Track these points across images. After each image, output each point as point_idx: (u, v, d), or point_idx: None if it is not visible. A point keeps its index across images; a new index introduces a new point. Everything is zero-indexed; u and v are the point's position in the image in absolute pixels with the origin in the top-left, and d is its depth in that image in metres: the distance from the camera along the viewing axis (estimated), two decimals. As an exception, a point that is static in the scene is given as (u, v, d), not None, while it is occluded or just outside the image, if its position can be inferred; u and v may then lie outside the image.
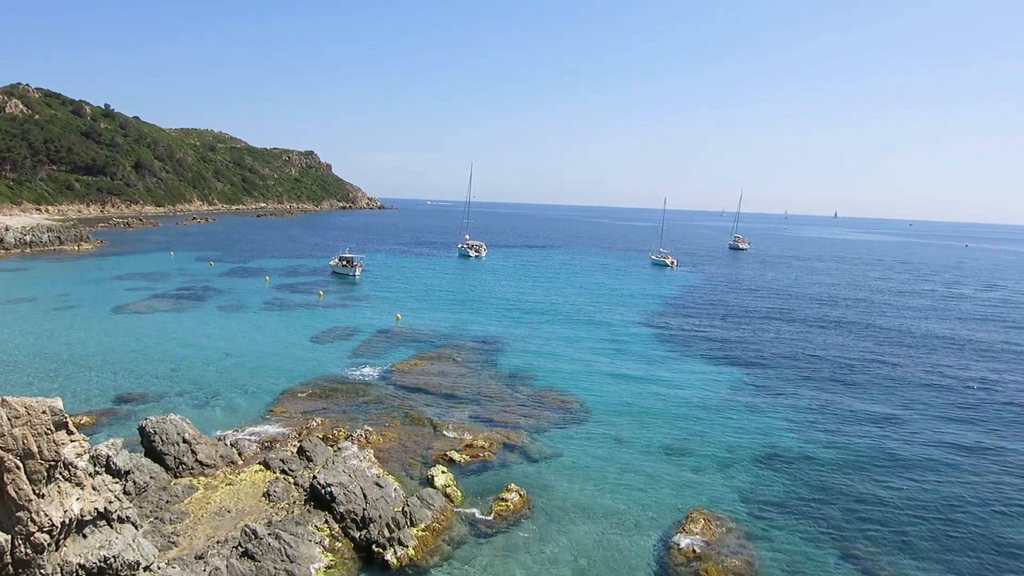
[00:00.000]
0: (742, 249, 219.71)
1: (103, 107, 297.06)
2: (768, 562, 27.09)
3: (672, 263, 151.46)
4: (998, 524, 31.05)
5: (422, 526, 27.66)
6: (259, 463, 32.42)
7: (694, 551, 27.24)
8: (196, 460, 31.64)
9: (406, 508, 28.24)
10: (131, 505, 22.95)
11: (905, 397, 50.67)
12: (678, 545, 27.68)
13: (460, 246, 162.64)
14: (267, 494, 29.29)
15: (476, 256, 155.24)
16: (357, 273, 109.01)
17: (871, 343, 70.37)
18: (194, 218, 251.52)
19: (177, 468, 31.09)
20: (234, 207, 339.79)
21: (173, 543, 24.93)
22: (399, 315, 75.26)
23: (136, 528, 21.31)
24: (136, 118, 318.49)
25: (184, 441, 32.02)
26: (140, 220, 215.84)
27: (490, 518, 29.41)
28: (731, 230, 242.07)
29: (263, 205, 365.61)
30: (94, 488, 20.06)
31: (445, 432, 39.48)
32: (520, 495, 31.24)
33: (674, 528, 29.31)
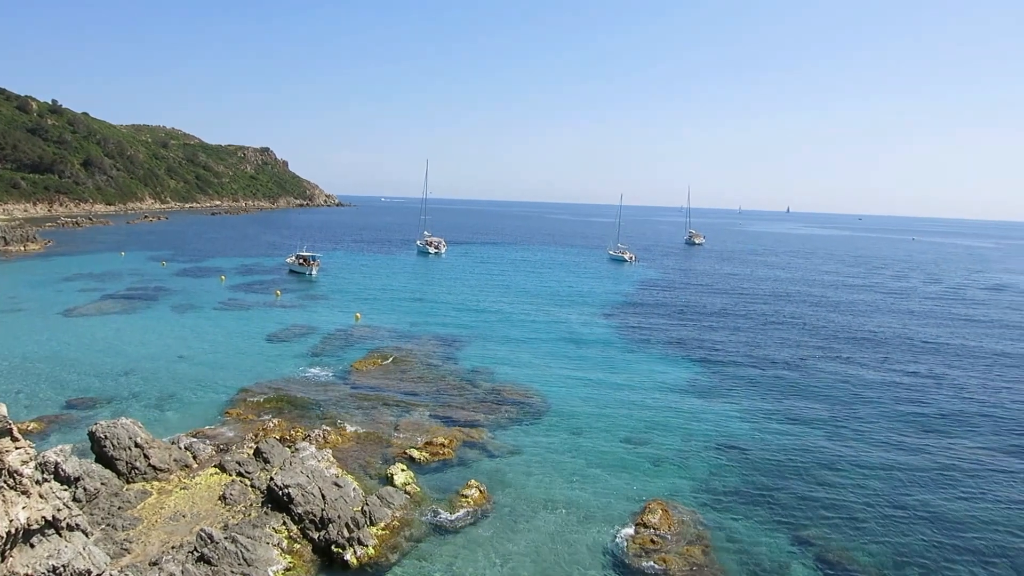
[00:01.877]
0: (698, 244, 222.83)
1: (50, 103, 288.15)
2: (724, 550, 27.58)
3: (630, 258, 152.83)
4: (944, 507, 32.06)
5: (382, 525, 27.54)
6: (215, 466, 31.89)
7: (652, 540, 27.61)
8: (149, 464, 30.99)
9: (365, 507, 28.08)
10: (81, 512, 22.39)
11: (856, 388, 51.94)
12: (636, 535, 28.05)
13: (419, 243, 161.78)
14: (223, 497, 28.84)
15: (436, 253, 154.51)
16: (314, 271, 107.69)
17: (824, 336, 72.00)
18: (146, 217, 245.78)
19: (129, 473, 30.43)
20: (188, 205, 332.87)
21: (126, 550, 24.42)
22: (358, 314, 74.64)
23: (87, 536, 20.80)
24: (85, 114, 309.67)
25: (136, 445, 31.34)
26: (90, 219, 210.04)
27: (451, 515, 29.39)
28: (685, 225, 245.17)
29: (218, 203, 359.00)
30: (41, 496, 19.51)
31: (405, 430, 39.32)
32: (480, 491, 31.28)
33: (633, 519, 29.68)
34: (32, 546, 18.91)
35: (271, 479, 28.99)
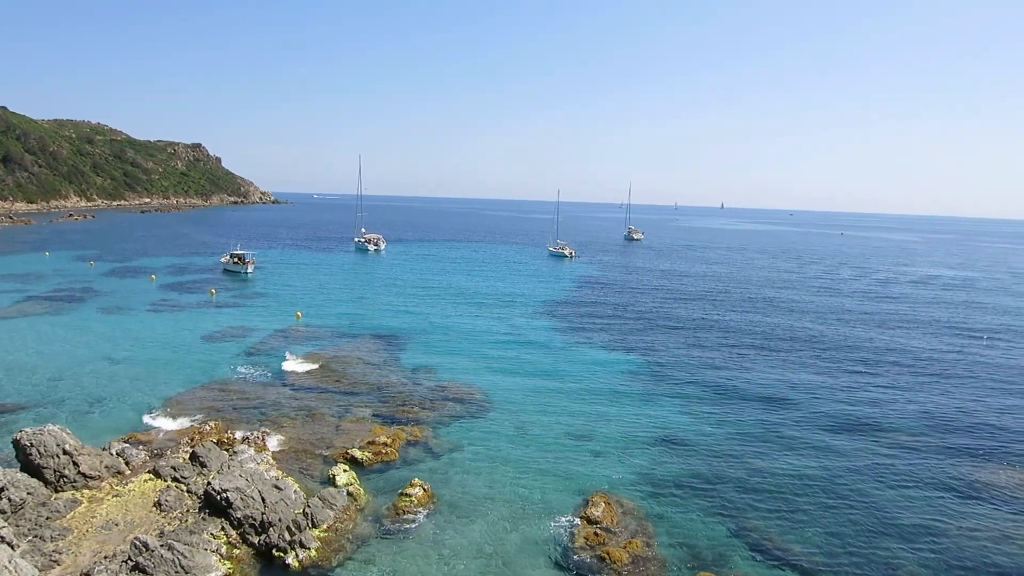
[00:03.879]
0: (636, 240, 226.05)
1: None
2: (666, 541, 28.15)
3: (570, 254, 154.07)
4: (874, 494, 33.35)
5: (324, 527, 27.19)
6: (148, 472, 30.97)
7: (596, 534, 27.94)
8: (79, 472, 29.88)
9: (307, 509, 27.68)
10: (6, 524, 21.49)
11: (791, 381, 53.51)
12: (580, 529, 28.36)
13: (357, 240, 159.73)
14: (158, 504, 28.04)
15: (375, 250, 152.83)
16: (250, 270, 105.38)
17: (760, 331, 73.92)
18: (71, 215, 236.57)
19: (58, 482, 29.29)
20: (115, 203, 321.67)
21: (55, 561, 23.53)
22: (299, 312, 73.38)
23: (12, 548, 19.99)
24: (3, 108, 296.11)
25: (64, 453, 30.16)
26: (10, 218, 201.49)
27: (395, 515, 29.19)
28: (626, 221, 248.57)
29: (147, 201, 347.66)
30: (-37, 508, 18.68)
31: (347, 430, 38.87)
32: (424, 489, 31.14)
33: (576, 512, 30.01)
34: (-47, 561, 18.13)
35: (208, 483, 28.29)
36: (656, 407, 45.48)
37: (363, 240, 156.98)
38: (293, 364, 52.16)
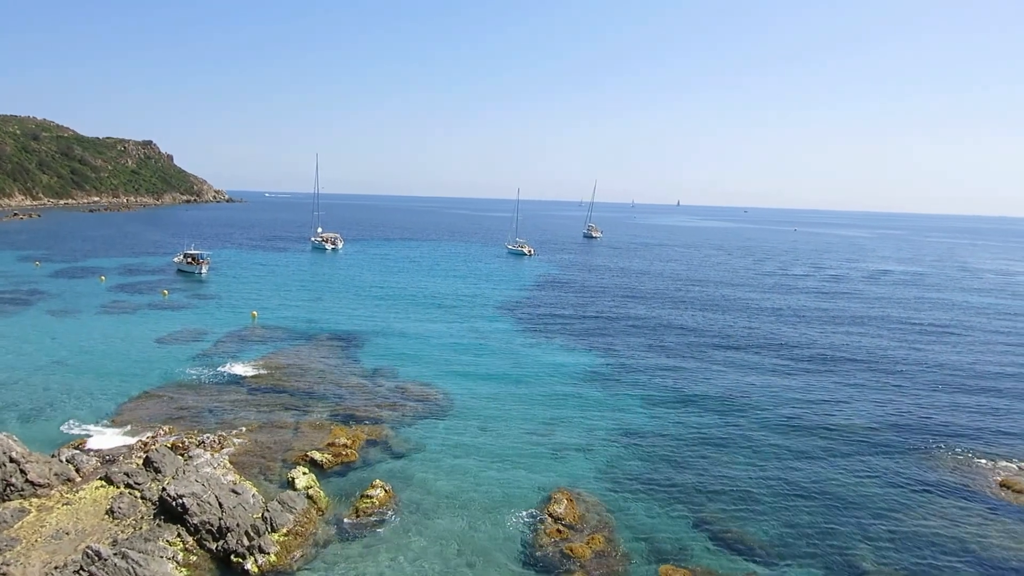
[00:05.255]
0: (595, 237, 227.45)
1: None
2: (627, 535, 28.40)
3: (529, 252, 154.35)
4: (828, 484, 34.15)
5: (284, 531, 26.79)
6: (100, 479, 30.16)
7: (559, 531, 28.07)
8: (26, 480, 28.96)
9: (266, 514, 27.24)
10: (-50, 536, 20.74)
11: (748, 374, 54.45)
12: (543, 526, 28.43)
13: (313, 239, 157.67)
14: (111, 511, 27.32)
15: (332, 249, 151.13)
16: (204, 270, 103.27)
17: (716, 326, 75.04)
18: (16, 214, 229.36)
19: (4, 491, 28.34)
20: (63, 202, 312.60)
21: (3, 573, 22.75)
22: (255, 312, 72.20)
23: (-43, 561, 19.28)
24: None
25: (11, 460, 29.21)
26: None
27: (355, 517, 28.92)
28: (585, 219, 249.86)
29: (96, 199, 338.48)
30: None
31: (306, 432, 38.37)
32: (385, 490, 30.90)
33: (539, 509, 30.10)
34: None
35: (163, 489, 27.67)
36: (616, 404, 45.82)
37: (320, 239, 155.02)
38: (250, 366, 51.31)
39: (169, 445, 34.63)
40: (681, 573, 25.39)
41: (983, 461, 37.22)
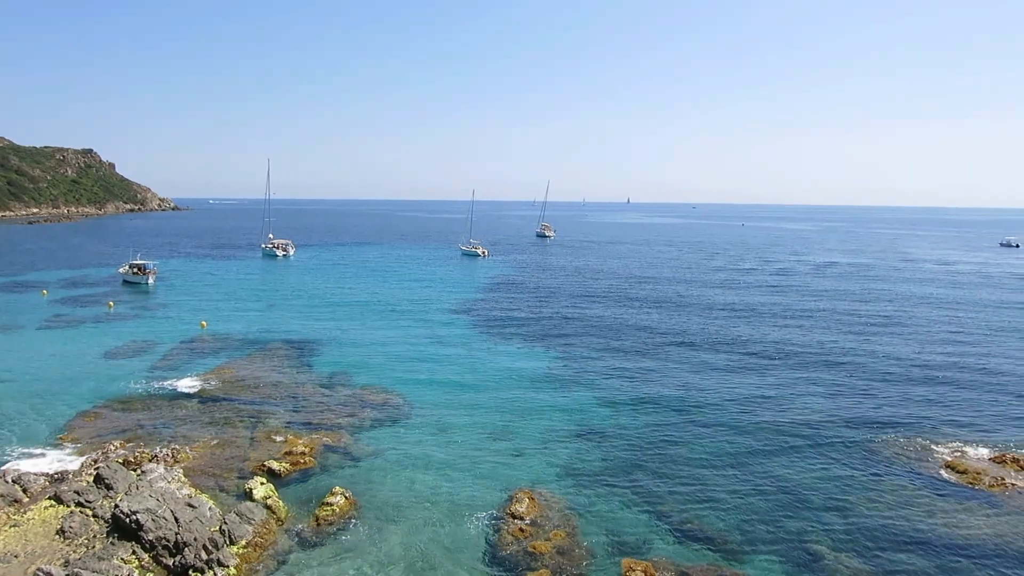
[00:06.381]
0: (548, 237, 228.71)
1: None
2: (589, 530, 28.65)
3: (483, 253, 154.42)
4: (784, 475, 34.96)
5: (243, 543, 26.36)
6: (49, 498, 29.22)
7: (521, 529, 28.18)
8: (-30, 503, 27.94)
9: (224, 526, 26.76)
10: None
11: (703, 369, 55.36)
12: (506, 525, 28.50)
13: (264, 246, 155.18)
14: (61, 531, 26.50)
15: (284, 256, 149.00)
16: (151, 280, 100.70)
17: (669, 321, 76.21)
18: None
19: (-54, 515, 27.30)
20: (0, 215, 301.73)
21: (-53, 600, 21.93)
22: (204, 322, 70.76)
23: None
24: None
25: (-47, 483, 28.16)
26: None
27: (316, 525, 28.59)
28: (538, 219, 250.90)
29: (35, 211, 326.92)
30: None
31: (262, 441, 37.77)
32: (346, 497, 30.62)
33: (501, 509, 30.16)
34: None
35: (116, 506, 26.95)
36: (574, 404, 46.12)
37: (271, 246, 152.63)
38: (202, 377, 50.30)
39: (121, 461, 33.74)
40: (643, 565, 25.68)
41: (929, 445, 38.48)
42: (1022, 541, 28.04)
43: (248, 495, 30.35)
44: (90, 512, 27.88)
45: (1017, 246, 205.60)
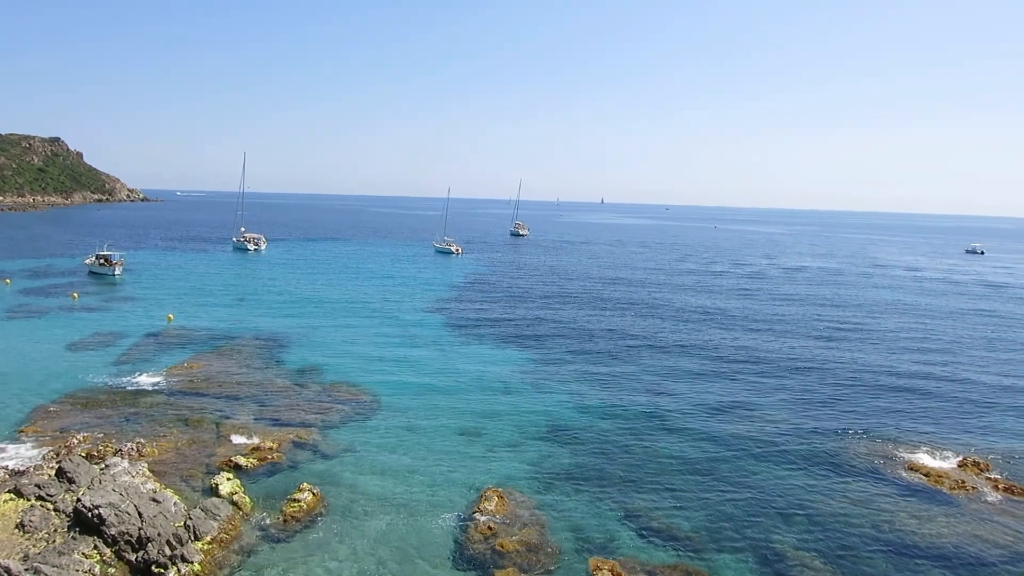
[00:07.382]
0: (522, 235, 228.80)
1: None
2: (558, 529, 28.78)
3: (456, 250, 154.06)
4: (752, 472, 35.44)
5: (208, 539, 26.08)
6: (8, 491, 28.63)
7: (490, 528, 28.21)
8: (-74, 496, 27.32)
9: (188, 522, 26.46)
10: None
11: (671, 370, 55.76)
12: (474, 524, 28.53)
13: (236, 240, 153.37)
14: (21, 525, 26.00)
15: (255, 250, 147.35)
16: (118, 272, 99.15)
17: (641, 323, 76.65)
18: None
19: (-99, 508, 26.68)
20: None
21: (-99, 595, 21.44)
22: (170, 315, 69.81)
23: None
24: None
25: (-91, 476, 27.51)
26: None
27: (283, 522, 28.37)
28: (512, 217, 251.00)
29: (0, 199, 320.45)
30: None
31: (229, 436, 37.36)
32: (313, 494, 30.43)
33: (470, 508, 30.17)
34: None
35: (78, 500, 26.53)
36: (544, 399, 46.30)
37: (242, 240, 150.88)
38: (169, 370, 49.65)
39: (84, 455, 33.20)
40: (610, 564, 25.85)
41: (894, 450, 39.14)
42: (981, 542, 28.71)
43: (214, 490, 30.06)
44: (51, 506, 27.39)
45: (982, 253, 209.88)
